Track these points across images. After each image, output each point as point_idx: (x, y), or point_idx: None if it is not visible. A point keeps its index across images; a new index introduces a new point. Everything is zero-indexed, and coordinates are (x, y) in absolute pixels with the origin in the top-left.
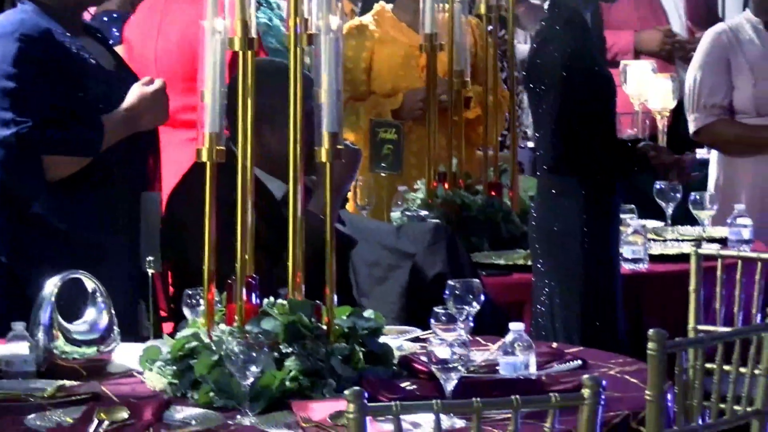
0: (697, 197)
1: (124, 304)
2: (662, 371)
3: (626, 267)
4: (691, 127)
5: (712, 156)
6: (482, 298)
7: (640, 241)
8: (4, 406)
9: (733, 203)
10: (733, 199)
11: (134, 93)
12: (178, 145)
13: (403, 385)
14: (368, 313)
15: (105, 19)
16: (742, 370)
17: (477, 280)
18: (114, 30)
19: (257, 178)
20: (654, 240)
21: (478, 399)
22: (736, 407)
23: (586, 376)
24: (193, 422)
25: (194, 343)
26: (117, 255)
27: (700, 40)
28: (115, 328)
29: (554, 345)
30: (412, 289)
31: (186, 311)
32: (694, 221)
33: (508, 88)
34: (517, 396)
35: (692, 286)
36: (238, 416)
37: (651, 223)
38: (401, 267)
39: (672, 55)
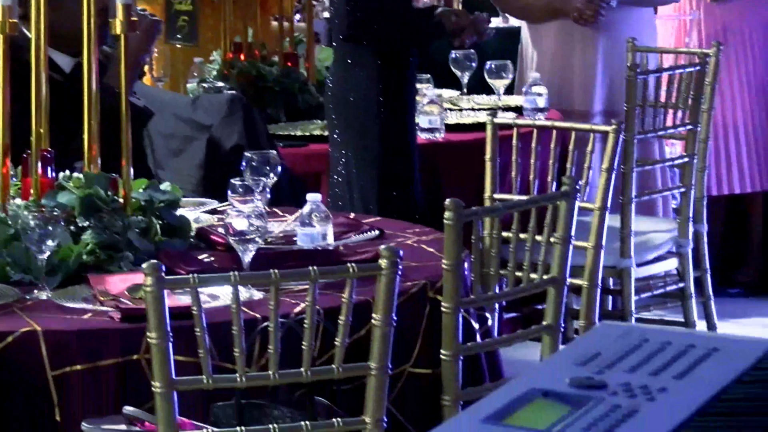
0: (493, 66)
1: None
2: (459, 240)
3: (422, 136)
4: None
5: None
6: (279, 169)
7: (436, 111)
8: None
9: (535, 72)
10: (535, 67)
11: None
12: None
13: (200, 257)
14: (165, 185)
15: None
16: (538, 238)
17: (274, 152)
18: None
19: None
20: (450, 109)
21: (276, 270)
22: (532, 275)
23: (383, 246)
24: None
25: None
26: None
27: None
28: None
29: (351, 215)
30: (208, 161)
31: None
32: (489, 90)
33: None
34: (315, 267)
35: (488, 155)
36: (35, 291)
37: (447, 93)
38: (198, 139)
39: None
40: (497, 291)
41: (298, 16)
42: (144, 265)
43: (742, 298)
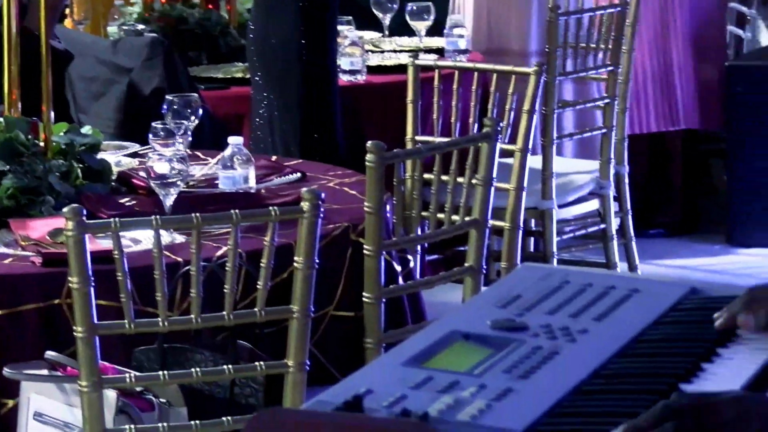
0: (414, 8)
1: None
2: (381, 183)
3: (344, 79)
4: None
5: None
6: (200, 112)
7: (358, 53)
8: None
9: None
10: (472, 7)
11: None
12: None
13: (122, 201)
14: (86, 129)
15: None
16: (460, 180)
17: (195, 95)
18: None
19: None
20: (372, 51)
21: (198, 214)
22: (454, 217)
23: (305, 188)
24: None
25: None
26: None
27: None
28: None
29: (273, 158)
30: (129, 104)
31: None
32: (411, 32)
33: None
34: (237, 210)
35: (410, 97)
36: None
37: (368, 35)
38: (118, 82)
39: None
40: (419, 233)
41: None
42: (65, 210)
43: (663, 239)
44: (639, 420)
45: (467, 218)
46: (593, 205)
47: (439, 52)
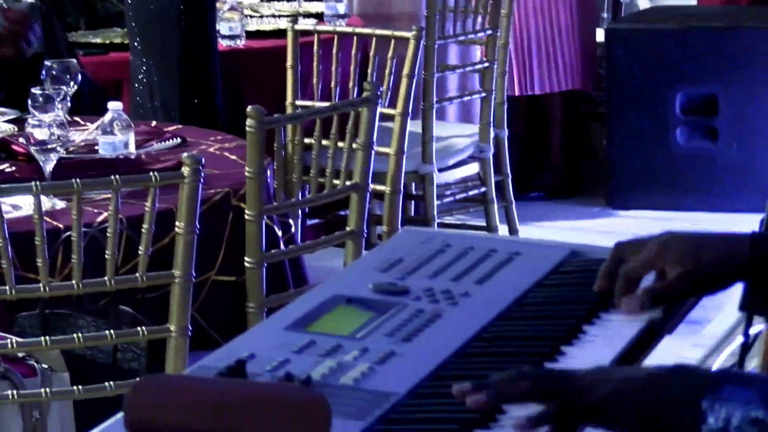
0: None
1: None
2: (261, 147)
3: (223, 44)
4: None
5: None
6: (79, 77)
7: (237, 17)
8: None
9: None
10: None
11: None
12: None
13: (1, 167)
14: None
15: None
16: (341, 144)
17: (74, 60)
18: None
19: None
20: (251, 16)
21: (78, 180)
22: (335, 181)
23: (185, 154)
24: None
25: None
26: None
27: None
28: None
29: (153, 123)
30: (7, 70)
31: None
32: None
33: None
34: (117, 176)
35: (289, 62)
36: None
37: (247, 0)
38: None
39: None
40: (300, 198)
41: None
42: None
43: (542, 202)
44: (491, 378)
45: (348, 182)
46: (473, 168)
47: (319, 16)
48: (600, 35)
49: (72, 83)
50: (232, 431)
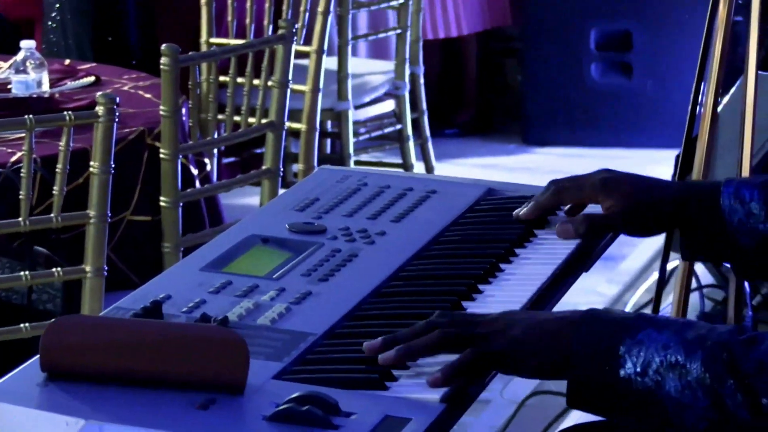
0: None
1: None
2: (176, 86)
3: None
4: None
5: None
6: None
7: None
8: None
9: None
10: None
11: None
12: None
13: None
14: None
15: None
16: (256, 82)
17: None
18: None
19: None
20: None
21: None
22: (250, 119)
23: (99, 93)
24: None
25: None
26: None
27: None
28: None
29: (67, 62)
30: None
31: None
32: None
33: None
34: (31, 115)
35: (203, 0)
36: None
37: None
38: None
39: None
40: (215, 136)
41: None
42: None
43: (458, 139)
44: (400, 332)
45: (263, 120)
46: (389, 105)
47: None
48: None
49: None
50: (149, 371)
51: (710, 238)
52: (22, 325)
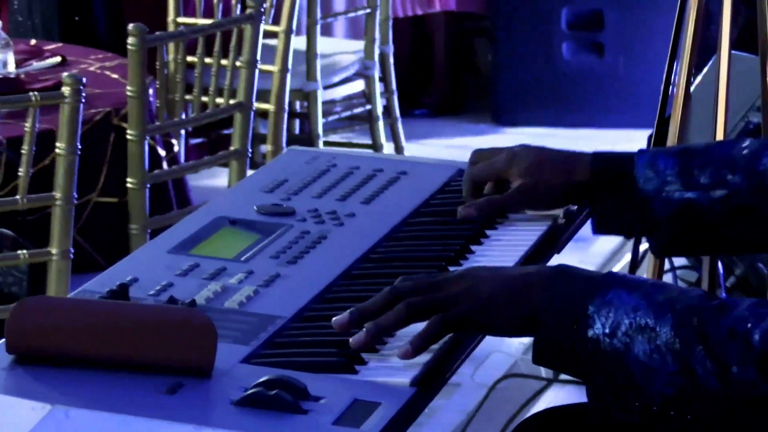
0: None
1: None
2: (143, 66)
3: None
4: None
5: None
6: None
7: None
8: None
9: None
10: None
11: None
12: None
13: None
14: None
15: None
16: (224, 62)
17: None
18: None
19: None
20: None
21: None
22: (218, 100)
23: (65, 73)
24: None
25: None
26: None
27: None
28: None
29: (33, 42)
30: None
31: None
32: None
33: None
34: None
35: None
36: None
37: None
38: None
39: None
40: (183, 117)
41: None
42: None
43: (428, 119)
44: (366, 304)
45: (231, 101)
46: (359, 86)
47: None
48: None
49: None
50: (116, 354)
51: (623, 208)
52: None
